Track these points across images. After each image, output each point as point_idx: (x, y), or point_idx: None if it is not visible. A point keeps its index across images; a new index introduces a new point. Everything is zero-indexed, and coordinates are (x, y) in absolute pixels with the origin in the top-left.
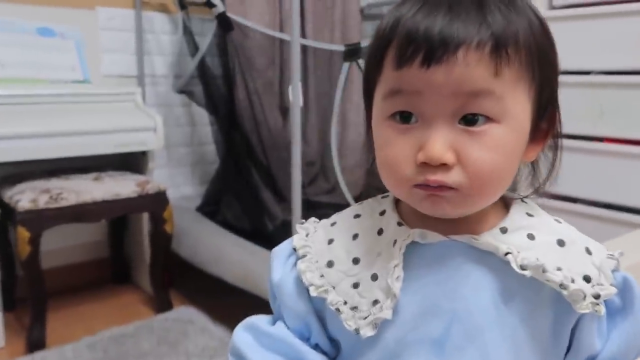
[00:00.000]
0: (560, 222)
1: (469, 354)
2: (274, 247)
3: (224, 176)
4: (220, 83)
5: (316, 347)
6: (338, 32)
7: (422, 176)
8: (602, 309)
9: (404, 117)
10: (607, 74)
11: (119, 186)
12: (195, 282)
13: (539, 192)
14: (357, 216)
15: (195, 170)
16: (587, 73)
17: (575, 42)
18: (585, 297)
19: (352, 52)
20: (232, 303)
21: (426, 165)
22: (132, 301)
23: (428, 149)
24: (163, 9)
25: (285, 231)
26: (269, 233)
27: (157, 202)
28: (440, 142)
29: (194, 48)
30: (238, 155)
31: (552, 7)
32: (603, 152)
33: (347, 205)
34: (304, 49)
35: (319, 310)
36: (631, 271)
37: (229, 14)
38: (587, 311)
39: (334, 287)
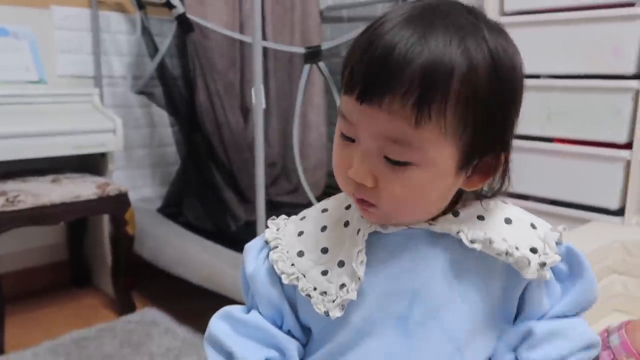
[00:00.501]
0: (506, 204)
1: (431, 328)
2: (237, 247)
3: (185, 177)
4: (181, 84)
5: (288, 333)
6: (298, 34)
7: (351, 188)
8: (548, 275)
9: (346, 136)
10: (555, 78)
11: (79, 188)
12: (157, 284)
13: (491, 197)
14: (324, 210)
15: (155, 171)
16: (537, 77)
17: (525, 48)
18: (530, 263)
19: (312, 55)
20: (195, 304)
21: (353, 180)
22: (93, 304)
23: (352, 170)
24: (120, 8)
25: (248, 231)
26: (232, 233)
27: (118, 203)
28: (363, 167)
29: (153, 49)
30: (199, 156)
31: (504, 14)
32: (552, 152)
33: (310, 205)
34: (265, 50)
35: (290, 298)
36: None
37: (189, 15)
38: (533, 277)
39: (304, 275)
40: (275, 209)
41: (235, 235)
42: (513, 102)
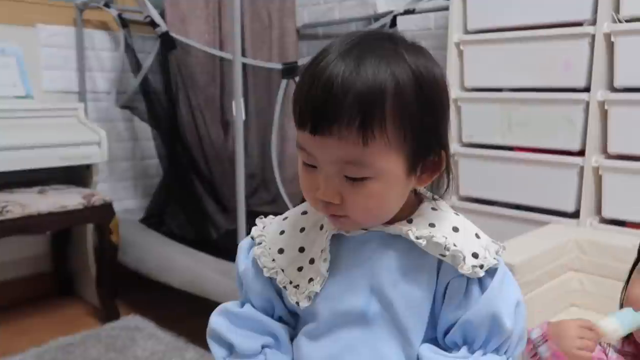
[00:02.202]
0: (458, 215)
1: (386, 321)
2: (219, 254)
3: (167, 188)
4: (163, 99)
5: (280, 319)
6: (276, 50)
7: (322, 207)
8: (481, 273)
9: (308, 164)
10: (515, 91)
11: (65, 199)
12: (138, 292)
13: (442, 198)
14: (304, 213)
15: (138, 183)
16: (498, 90)
17: (487, 63)
18: (464, 259)
19: (289, 70)
20: (177, 310)
21: (322, 201)
22: (77, 313)
23: (321, 193)
24: (104, 26)
25: (229, 239)
26: (213, 241)
27: (103, 213)
28: (329, 188)
29: (136, 65)
30: (181, 168)
31: (467, 32)
32: (513, 160)
33: None
34: (244, 66)
35: (278, 288)
36: (539, 259)
37: (171, 33)
38: (467, 272)
39: (283, 270)
40: (255, 218)
41: (216, 243)
42: (441, 108)
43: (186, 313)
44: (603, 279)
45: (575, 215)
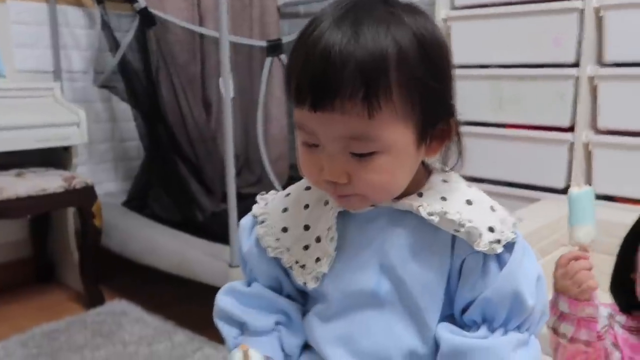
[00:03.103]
0: (470, 187)
1: (399, 300)
2: (206, 236)
3: (150, 170)
4: (143, 78)
5: (289, 297)
6: (257, 29)
7: (329, 189)
8: (499, 248)
9: (309, 143)
10: (504, 67)
11: (45, 182)
12: (123, 277)
13: (453, 169)
14: (307, 188)
15: (118, 166)
16: (487, 67)
17: (475, 39)
18: (481, 235)
19: (274, 48)
20: (163, 294)
21: (329, 181)
22: (60, 299)
23: (325, 173)
24: (77, 3)
25: (216, 221)
26: (199, 223)
27: (85, 196)
28: (334, 167)
29: (113, 43)
30: (164, 148)
31: (454, 7)
32: (505, 137)
33: None
34: None
35: (284, 267)
36: (532, 236)
37: (150, 9)
38: (485, 249)
39: (288, 249)
40: (241, 200)
41: (202, 225)
42: (447, 71)
43: (173, 296)
44: (595, 254)
45: (566, 191)
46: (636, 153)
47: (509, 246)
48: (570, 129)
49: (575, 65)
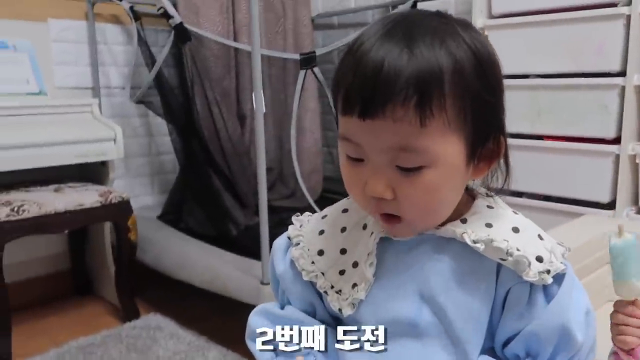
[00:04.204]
0: (517, 214)
1: (440, 332)
2: (239, 250)
3: (184, 184)
4: (178, 93)
5: (322, 322)
6: (290, 40)
7: (373, 206)
8: (549, 279)
9: (353, 158)
10: (543, 77)
11: (82, 197)
12: (158, 290)
13: (500, 192)
14: (345, 210)
15: (154, 180)
16: (526, 77)
17: (513, 49)
18: (530, 264)
19: (307, 60)
20: (197, 308)
21: (373, 198)
22: (96, 312)
23: (369, 188)
24: (116, 20)
25: (249, 236)
26: (232, 238)
27: (120, 211)
28: (379, 182)
29: (149, 58)
30: (198, 163)
31: (491, 16)
32: (543, 149)
33: (307, 208)
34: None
35: (319, 291)
36: (574, 253)
37: (185, 25)
38: (534, 279)
39: (323, 274)
40: (274, 213)
41: (235, 240)
42: (500, 87)
43: (206, 311)
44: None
45: (611, 206)
46: None
47: (558, 277)
48: (616, 140)
49: (621, 74)
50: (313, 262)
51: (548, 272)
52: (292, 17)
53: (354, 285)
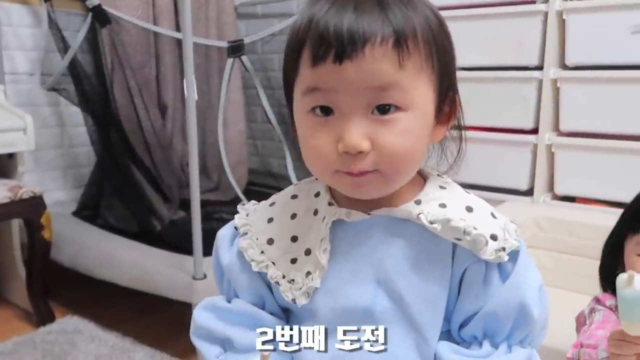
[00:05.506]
0: (469, 193)
1: (397, 317)
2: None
3: (102, 178)
4: (95, 80)
5: (272, 314)
6: (213, 30)
7: (344, 165)
8: (505, 257)
9: (324, 110)
10: (466, 70)
11: None
12: (75, 292)
13: (451, 169)
14: (294, 197)
15: (67, 173)
16: None
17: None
18: (487, 242)
19: (235, 49)
20: (119, 309)
21: (346, 154)
22: (5, 317)
23: (346, 140)
24: (22, 0)
25: (174, 230)
26: (157, 233)
27: (32, 207)
28: (356, 132)
29: (61, 43)
30: (117, 155)
31: None
32: (467, 139)
33: (233, 201)
34: (179, 45)
35: (268, 282)
36: None
37: (104, 7)
38: (491, 258)
39: (274, 263)
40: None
41: (160, 235)
42: (453, 50)
43: (130, 312)
44: (560, 254)
45: (529, 193)
46: (596, 155)
47: (512, 255)
48: (534, 130)
49: (539, 68)
50: (262, 252)
51: (503, 249)
52: (215, 5)
53: (308, 273)
